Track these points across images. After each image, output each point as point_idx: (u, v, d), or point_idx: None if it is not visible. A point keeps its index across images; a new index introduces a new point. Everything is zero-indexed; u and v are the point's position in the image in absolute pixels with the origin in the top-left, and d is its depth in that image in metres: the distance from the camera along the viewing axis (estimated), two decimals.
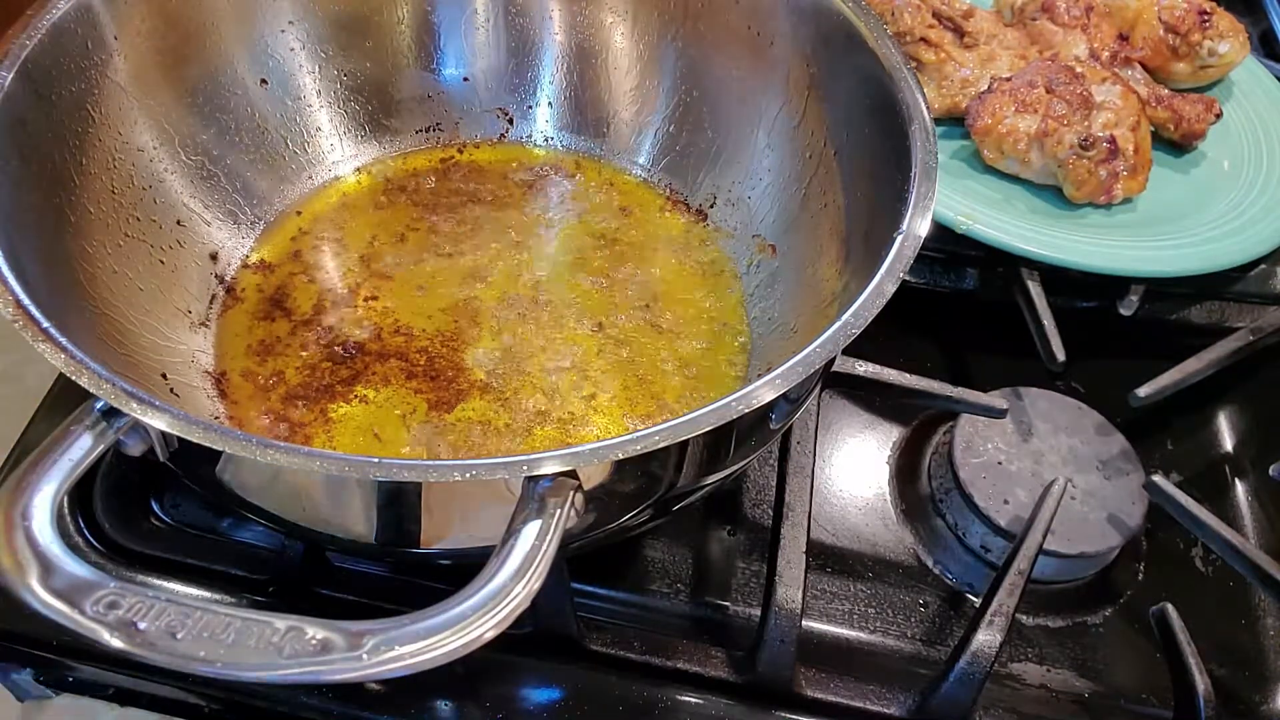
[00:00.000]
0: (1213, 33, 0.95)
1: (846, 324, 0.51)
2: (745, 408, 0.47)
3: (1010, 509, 0.72)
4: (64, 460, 0.44)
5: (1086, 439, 0.76)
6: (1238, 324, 0.85)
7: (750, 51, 0.77)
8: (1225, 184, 0.91)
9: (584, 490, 0.46)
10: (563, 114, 0.86)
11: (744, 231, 0.79)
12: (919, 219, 0.56)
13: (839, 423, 0.81)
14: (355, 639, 0.39)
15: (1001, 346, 0.86)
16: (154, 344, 0.66)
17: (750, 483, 0.76)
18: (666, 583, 0.71)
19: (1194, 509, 0.69)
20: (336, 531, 0.55)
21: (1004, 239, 0.81)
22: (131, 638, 0.39)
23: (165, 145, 0.72)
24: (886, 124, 0.63)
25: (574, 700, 0.62)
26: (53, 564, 0.41)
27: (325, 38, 0.80)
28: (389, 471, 0.44)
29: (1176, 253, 0.83)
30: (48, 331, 0.48)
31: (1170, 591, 0.73)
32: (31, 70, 0.60)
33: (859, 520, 0.76)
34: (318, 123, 0.82)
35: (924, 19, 0.95)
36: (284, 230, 0.79)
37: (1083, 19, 0.97)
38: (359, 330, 0.73)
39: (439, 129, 0.86)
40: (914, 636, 0.70)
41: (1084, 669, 0.69)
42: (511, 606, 0.41)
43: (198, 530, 0.71)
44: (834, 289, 0.67)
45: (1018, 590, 0.64)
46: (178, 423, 0.45)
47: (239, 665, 0.39)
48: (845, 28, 0.68)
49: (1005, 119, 0.87)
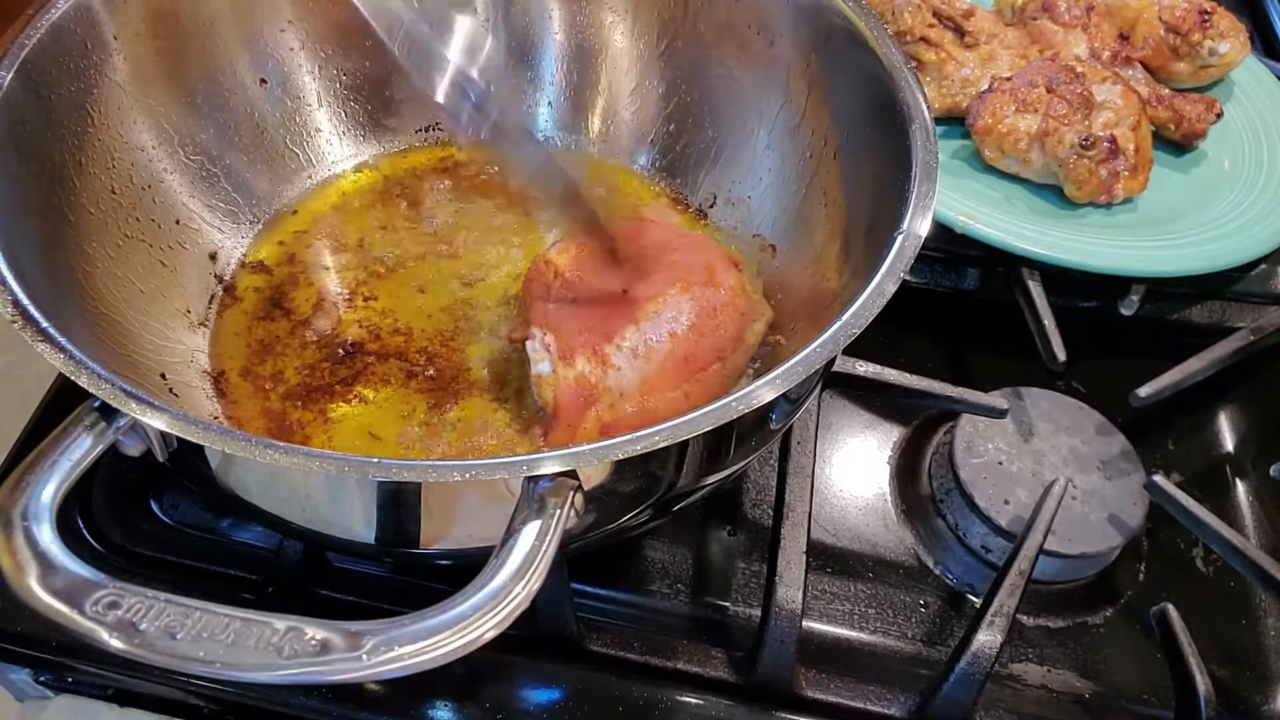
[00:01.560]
0: (1213, 32, 0.95)
1: (846, 324, 0.51)
2: (745, 408, 0.47)
3: (1011, 509, 0.71)
4: (64, 460, 0.44)
5: (1087, 439, 0.76)
6: (1238, 324, 0.85)
7: (750, 51, 0.77)
8: (1226, 184, 0.91)
9: (584, 490, 0.46)
10: (562, 113, 0.86)
11: (744, 231, 0.79)
12: (919, 219, 0.56)
13: (839, 423, 0.81)
14: (355, 639, 0.39)
15: (1002, 346, 0.86)
16: (153, 344, 0.66)
17: (750, 483, 0.76)
18: (666, 583, 0.70)
19: (1195, 509, 0.69)
20: (336, 532, 0.54)
21: (1004, 239, 0.81)
22: (131, 638, 0.39)
23: (164, 145, 0.72)
24: (887, 124, 0.63)
25: (574, 700, 0.62)
26: (52, 564, 0.41)
27: (325, 37, 0.80)
28: (389, 471, 0.44)
29: (1177, 253, 0.83)
30: (47, 331, 0.48)
31: (1171, 592, 0.73)
32: (31, 70, 0.60)
33: (859, 520, 0.76)
34: (317, 122, 0.82)
35: (924, 18, 0.95)
36: (283, 230, 0.79)
37: (1083, 18, 0.97)
38: (358, 330, 0.73)
39: (438, 128, 0.86)
40: (914, 637, 0.70)
41: (1085, 669, 0.69)
42: (511, 607, 0.41)
43: (197, 530, 0.71)
44: (834, 289, 0.67)
45: (1018, 590, 0.64)
46: (177, 422, 0.45)
47: (238, 666, 0.39)
48: (846, 27, 0.68)
49: (1006, 118, 0.87)
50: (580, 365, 0.63)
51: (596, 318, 0.65)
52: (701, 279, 0.67)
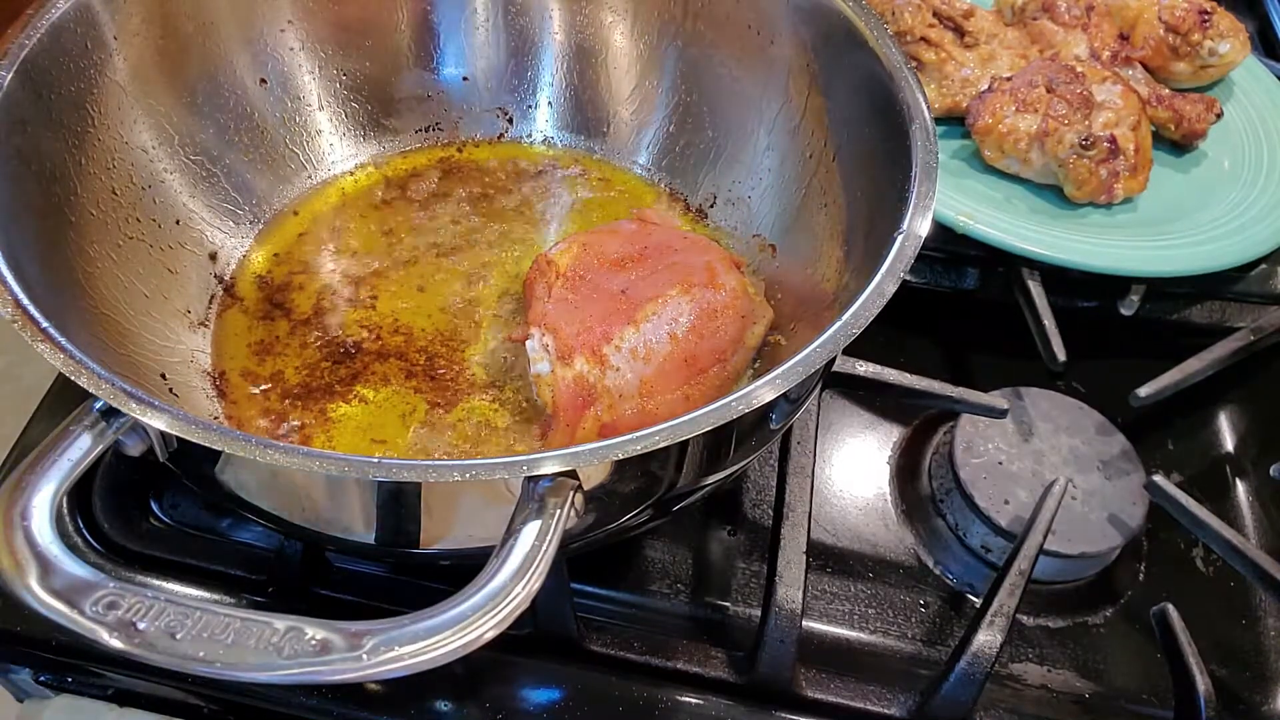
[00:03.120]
0: (1213, 33, 0.95)
1: (846, 324, 0.51)
2: (745, 408, 0.47)
3: (1011, 509, 0.71)
4: (63, 460, 0.44)
5: (1087, 439, 0.76)
6: (1238, 324, 0.85)
7: (750, 51, 0.77)
8: (1226, 184, 0.91)
9: (584, 490, 0.46)
10: (562, 113, 0.86)
11: (744, 231, 0.79)
12: (919, 219, 0.56)
13: (839, 423, 0.81)
14: (355, 639, 0.39)
15: (1002, 346, 0.86)
16: (153, 344, 0.66)
17: (750, 483, 0.76)
18: (666, 583, 0.70)
19: (1195, 509, 0.69)
20: (336, 532, 0.54)
21: (1004, 239, 0.81)
22: (131, 638, 0.39)
23: (164, 145, 0.72)
24: (887, 124, 0.63)
25: (574, 700, 0.62)
26: (52, 564, 0.41)
27: (325, 37, 0.80)
28: (389, 471, 0.44)
29: (1177, 252, 0.83)
30: (47, 331, 0.48)
31: (1171, 591, 0.73)
32: (31, 70, 0.60)
33: (859, 520, 0.76)
34: (317, 122, 0.82)
35: (924, 18, 0.95)
36: (283, 230, 0.79)
37: (1083, 18, 0.97)
38: (358, 330, 0.73)
39: (438, 128, 0.86)
40: (914, 637, 0.70)
41: (1085, 669, 0.69)
42: (511, 607, 0.41)
43: (197, 530, 0.71)
44: (834, 289, 0.67)
45: (1018, 590, 0.64)
46: (177, 423, 0.45)
47: (238, 665, 0.39)
48: (846, 27, 0.68)
49: (1006, 118, 0.87)
50: (579, 365, 0.63)
51: (596, 318, 0.65)
52: (702, 280, 0.67)
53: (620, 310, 0.66)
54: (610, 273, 0.68)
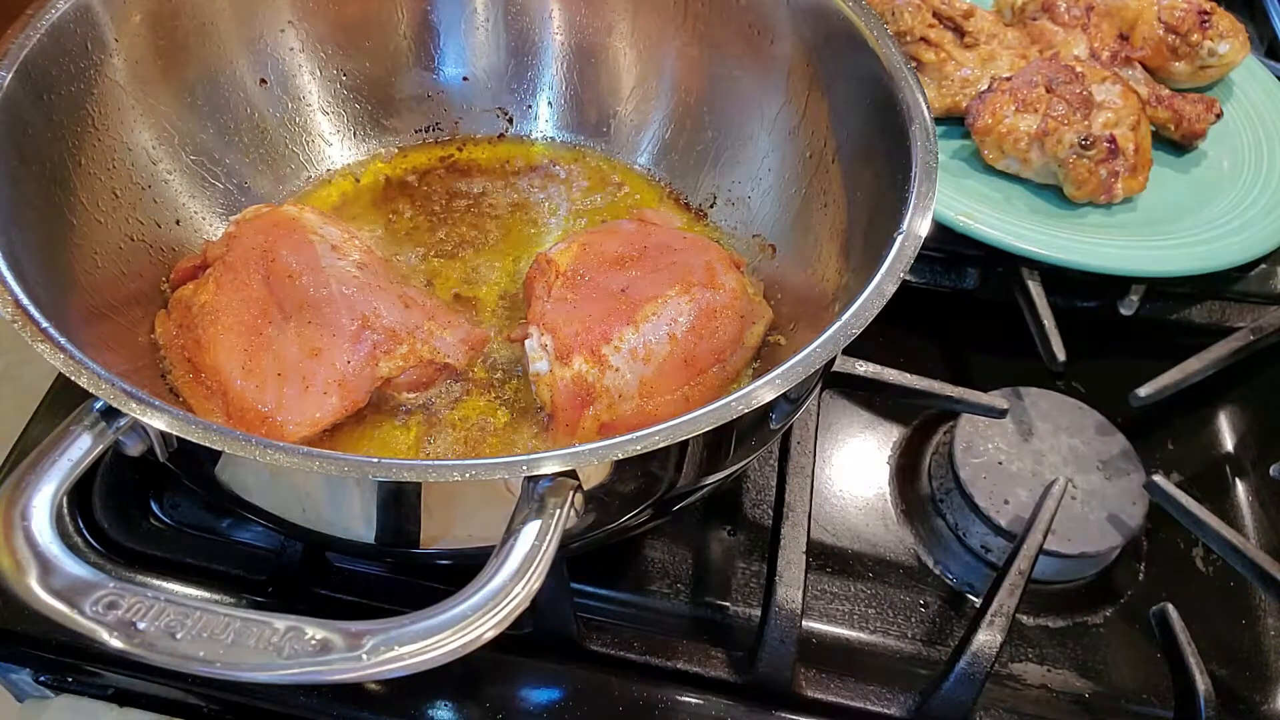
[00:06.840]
0: (1213, 33, 0.95)
1: (846, 324, 0.51)
2: (745, 408, 0.47)
3: (1011, 509, 0.71)
4: (63, 460, 0.44)
5: (1087, 439, 0.76)
6: (1238, 324, 0.85)
7: (751, 51, 0.77)
8: (1225, 184, 0.91)
9: (584, 490, 0.46)
10: (562, 113, 0.86)
11: (744, 231, 0.79)
12: (919, 219, 0.56)
13: (839, 423, 0.81)
14: (355, 639, 0.39)
15: (1001, 346, 0.86)
16: (153, 344, 0.66)
17: (750, 483, 0.76)
18: (666, 583, 0.70)
19: (1194, 509, 0.69)
20: (336, 532, 0.54)
21: (1004, 238, 0.81)
22: (131, 638, 0.39)
23: (164, 145, 0.72)
24: (887, 123, 0.63)
25: (574, 700, 0.62)
26: (52, 564, 0.41)
27: (325, 37, 0.80)
28: (389, 471, 0.44)
29: (1177, 252, 0.83)
30: (47, 331, 0.48)
31: (1171, 591, 0.73)
32: (31, 70, 0.60)
33: (859, 520, 0.76)
34: (317, 122, 0.82)
35: (924, 19, 0.95)
36: None
37: (1083, 19, 0.97)
38: None
39: (438, 128, 0.86)
40: (914, 637, 0.70)
41: (1084, 669, 0.69)
42: (511, 607, 0.41)
43: (197, 530, 0.71)
44: (834, 289, 0.67)
45: (1018, 590, 0.64)
46: (177, 423, 0.45)
47: (238, 665, 0.39)
48: (846, 27, 0.68)
49: (1005, 118, 0.87)
50: (577, 365, 0.63)
51: (595, 318, 0.65)
52: (702, 280, 0.67)
53: (620, 310, 0.66)
54: (610, 272, 0.68)
